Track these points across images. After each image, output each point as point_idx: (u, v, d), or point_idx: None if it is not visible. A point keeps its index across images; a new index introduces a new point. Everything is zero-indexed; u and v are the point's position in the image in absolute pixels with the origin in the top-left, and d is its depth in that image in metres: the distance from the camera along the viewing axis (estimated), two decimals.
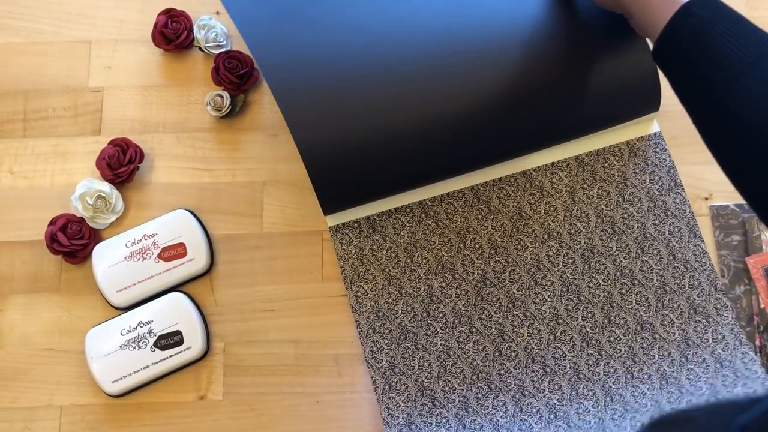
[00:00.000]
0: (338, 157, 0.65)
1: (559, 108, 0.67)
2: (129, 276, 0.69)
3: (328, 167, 0.65)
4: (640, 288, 0.69)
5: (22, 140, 0.75)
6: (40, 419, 0.68)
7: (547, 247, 0.70)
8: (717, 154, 0.54)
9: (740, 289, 0.69)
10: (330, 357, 0.69)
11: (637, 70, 0.67)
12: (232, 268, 0.71)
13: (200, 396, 0.68)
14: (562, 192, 0.71)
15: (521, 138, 0.68)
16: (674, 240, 0.70)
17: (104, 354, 0.67)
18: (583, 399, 0.67)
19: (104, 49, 0.77)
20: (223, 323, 0.70)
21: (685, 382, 0.67)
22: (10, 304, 0.71)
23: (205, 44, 0.75)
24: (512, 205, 0.71)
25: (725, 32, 0.54)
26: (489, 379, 0.68)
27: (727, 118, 0.52)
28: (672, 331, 0.68)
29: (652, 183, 0.71)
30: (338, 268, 0.70)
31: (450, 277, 0.70)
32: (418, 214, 0.71)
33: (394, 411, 0.67)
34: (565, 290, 0.69)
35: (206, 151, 0.74)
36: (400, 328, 0.69)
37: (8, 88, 0.76)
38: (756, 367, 0.67)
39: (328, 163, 0.65)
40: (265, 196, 0.73)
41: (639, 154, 0.72)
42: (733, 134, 0.52)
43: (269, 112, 0.75)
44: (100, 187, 0.71)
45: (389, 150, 0.65)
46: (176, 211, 0.71)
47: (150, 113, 0.75)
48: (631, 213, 0.71)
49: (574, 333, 0.68)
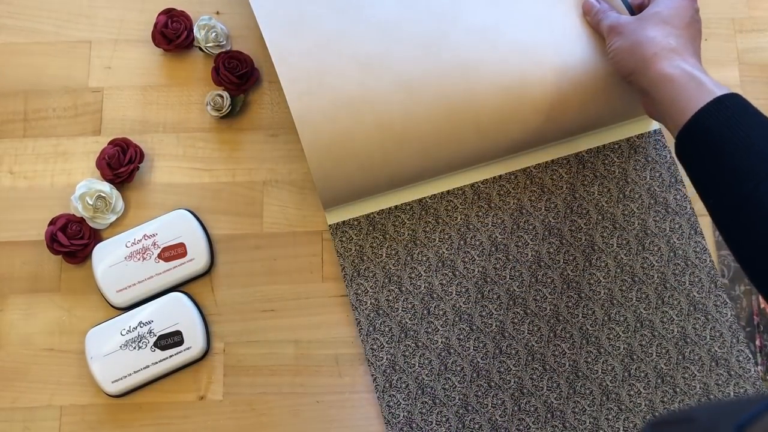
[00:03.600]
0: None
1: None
2: (129, 276, 0.69)
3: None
4: (641, 285, 0.69)
5: (22, 140, 0.75)
6: (40, 419, 0.68)
7: (547, 244, 0.70)
8: (736, 247, 0.53)
9: (740, 289, 0.69)
10: (330, 357, 0.69)
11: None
12: (232, 268, 0.71)
13: (200, 396, 0.68)
14: (563, 189, 0.72)
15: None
16: (675, 236, 0.70)
17: (104, 354, 0.67)
18: (580, 398, 0.67)
19: (104, 49, 0.77)
20: (223, 323, 0.70)
21: (680, 380, 0.67)
22: (10, 304, 0.71)
23: (205, 44, 0.75)
24: (512, 202, 0.71)
25: (761, 124, 0.52)
26: (489, 377, 0.68)
27: (757, 213, 0.50)
28: (671, 328, 0.68)
29: (652, 179, 0.71)
30: (338, 267, 0.70)
31: (450, 275, 0.70)
32: (418, 211, 0.71)
33: (395, 409, 0.67)
34: (566, 287, 0.69)
35: (206, 151, 0.74)
36: (400, 326, 0.69)
37: (8, 88, 0.76)
38: (749, 366, 0.67)
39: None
40: (265, 196, 0.73)
41: (639, 150, 0.72)
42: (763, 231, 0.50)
43: (269, 112, 0.75)
44: (100, 187, 0.71)
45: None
46: (176, 211, 0.71)
47: (150, 113, 0.75)
48: (632, 209, 0.71)
49: (574, 330, 0.69)
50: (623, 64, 0.62)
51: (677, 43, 0.59)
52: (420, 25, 0.66)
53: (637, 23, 0.61)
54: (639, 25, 0.61)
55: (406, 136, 0.66)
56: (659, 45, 0.59)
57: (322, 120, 0.64)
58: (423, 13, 0.67)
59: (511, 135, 0.68)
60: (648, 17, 0.61)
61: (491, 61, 0.66)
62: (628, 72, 0.61)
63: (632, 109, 0.70)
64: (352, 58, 0.65)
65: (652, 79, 0.58)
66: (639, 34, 0.60)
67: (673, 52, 0.58)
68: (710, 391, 0.67)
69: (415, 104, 0.65)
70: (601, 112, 0.69)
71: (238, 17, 0.77)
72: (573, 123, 0.69)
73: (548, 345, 0.68)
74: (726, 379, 0.67)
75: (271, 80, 0.75)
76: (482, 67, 0.66)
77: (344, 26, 0.66)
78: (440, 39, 0.66)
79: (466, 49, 0.66)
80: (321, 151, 0.65)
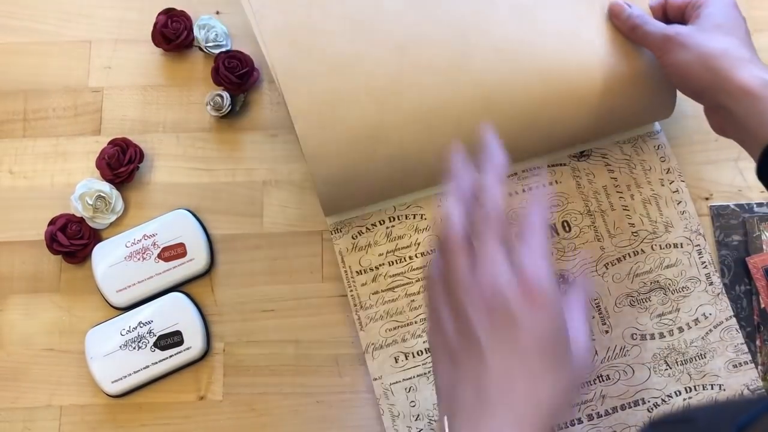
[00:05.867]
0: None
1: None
2: (129, 276, 0.69)
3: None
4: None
5: (22, 140, 0.75)
6: (40, 419, 0.68)
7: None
8: None
9: (740, 289, 0.69)
10: (330, 357, 0.69)
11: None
12: (232, 268, 0.71)
13: (200, 396, 0.68)
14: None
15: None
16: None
17: (104, 354, 0.67)
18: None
19: (104, 49, 0.77)
20: (223, 323, 0.70)
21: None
22: (10, 304, 0.71)
23: (205, 44, 0.75)
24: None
25: None
26: None
27: None
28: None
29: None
30: (338, 267, 0.70)
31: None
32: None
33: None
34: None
35: (206, 151, 0.74)
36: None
37: (8, 88, 0.76)
38: (749, 366, 0.67)
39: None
40: (265, 196, 0.73)
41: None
42: None
43: (269, 112, 0.75)
44: (100, 187, 0.71)
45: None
46: (176, 211, 0.71)
47: (150, 113, 0.75)
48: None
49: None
50: (693, 79, 0.57)
51: (750, 53, 0.56)
52: (438, 46, 0.63)
53: (700, 34, 0.57)
54: (704, 36, 0.57)
55: (419, 167, 0.65)
56: (735, 56, 0.55)
57: (334, 155, 0.62)
58: (443, 30, 0.63)
59: (525, 149, 0.68)
60: (709, 28, 0.57)
61: (514, 84, 0.63)
62: (699, 87, 0.57)
63: (657, 115, 0.70)
64: (367, 85, 0.62)
65: (732, 94, 0.54)
66: (708, 47, 0.56)
67: (750, 63, 0.55)
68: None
69: (431, 135, 0.63)
70: (627, 122, 0.69)
71: (238, 17, 0.77)
72: (591, 134, 0.69)
73: None
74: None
75: (271, 80, 0.75)
76: (504, 91, 0.63)
77: (358, 49, 0.62)
78: (460, 61, 0.63)
79: (486, 72, 0.63)
80: (332, 183, 0.64)
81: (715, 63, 0.55)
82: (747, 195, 0.72)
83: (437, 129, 0.63)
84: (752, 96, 0.53)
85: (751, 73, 0.54)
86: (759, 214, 0.71)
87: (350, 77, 0.62)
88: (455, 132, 0.62)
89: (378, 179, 0.65)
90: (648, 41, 0.61)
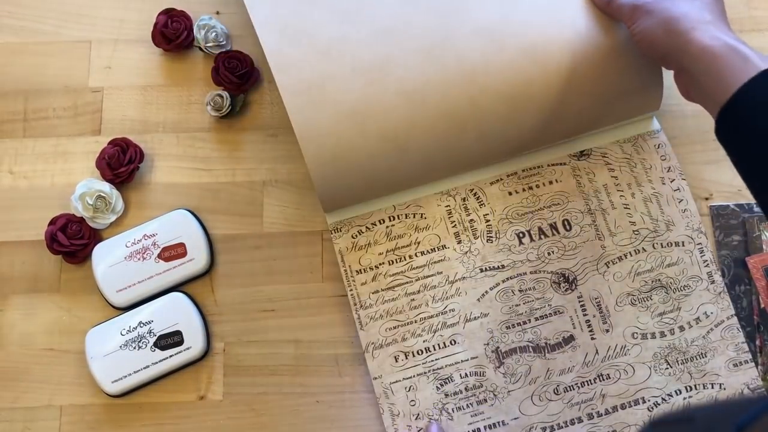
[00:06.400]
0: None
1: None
2: (129, 276, 0.69)
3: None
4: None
5: (22, 140, 0.75)
6: (40, 419, 0.68)
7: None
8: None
9: (740, 289, 0.69)
10: (330, 357, 0.69)
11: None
12: (232, 268, 0.71)
13: (200, 396, 0.68)
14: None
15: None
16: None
17: (104, 354, 0.67)
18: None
19: (104, 49, 0.77)
20: (223, 323, 0.70)
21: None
22: (10, 304, 0.71)
23: (205, 44, 0.75)
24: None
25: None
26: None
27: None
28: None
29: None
30: (338, 267, 0.70)
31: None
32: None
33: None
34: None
35: (206, 151, 0.74)
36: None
37: (8, 88, 0.76)
38: (749, 366, 0.67)
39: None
40: (265, 196, 0.73)
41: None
42: None
43: (269, 112, 0.75)
44: (100, 187, 0.71)
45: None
46: (176, 211, 0.71)
47: (150, 113, 0.75)
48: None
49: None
50: (657, 44, 0.58)
51: (712, 16, 0.56)
52: (422, 28, 0.66)
53: (666, 1, 0.58)
54: (668, 2, 0.58)
55: (409, 145, 0.65)
56: (695, 19, 0.56)
57: (325, 133, 0.64)
58: (425, 14, 0.66)
59: (517, 136, 0.68)
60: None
61: (497, 64, 0.65)
62: (662, 51, 0.58)
63: (644, 104, 0.70)
64: (354, 66, 0.64)
65: (693, 54, 0.55)
66: (671, 11, 0.57)
67: (711, 25, 0.55)
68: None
69: (419, 112, 0.64)
70: (614, 106, 0.68)
71: (238, 17, 0.77)
72: (582, 120, 0.69)
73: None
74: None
75: (270, 80, 0.75)
76: (489, 69, 0.65)
77: (345, 33, 0.65)
78: (444, 41, 0.65)
79: (470, 51, 0.65)
80: (324, 163, 0.64)
81: (676, 26, 0.56)
82: (747, 195, 0.71)
83: (423, 104, 0.64)
84: (710, 56, 0.54)
85: (710, 34, 0.55)
86: (759, 214, 0.70)
87: (338, 59, 0.65)
88: (441, 105, 0.64)
89: (370, 158, 0.65)
90: (621, 13, 0.62)
